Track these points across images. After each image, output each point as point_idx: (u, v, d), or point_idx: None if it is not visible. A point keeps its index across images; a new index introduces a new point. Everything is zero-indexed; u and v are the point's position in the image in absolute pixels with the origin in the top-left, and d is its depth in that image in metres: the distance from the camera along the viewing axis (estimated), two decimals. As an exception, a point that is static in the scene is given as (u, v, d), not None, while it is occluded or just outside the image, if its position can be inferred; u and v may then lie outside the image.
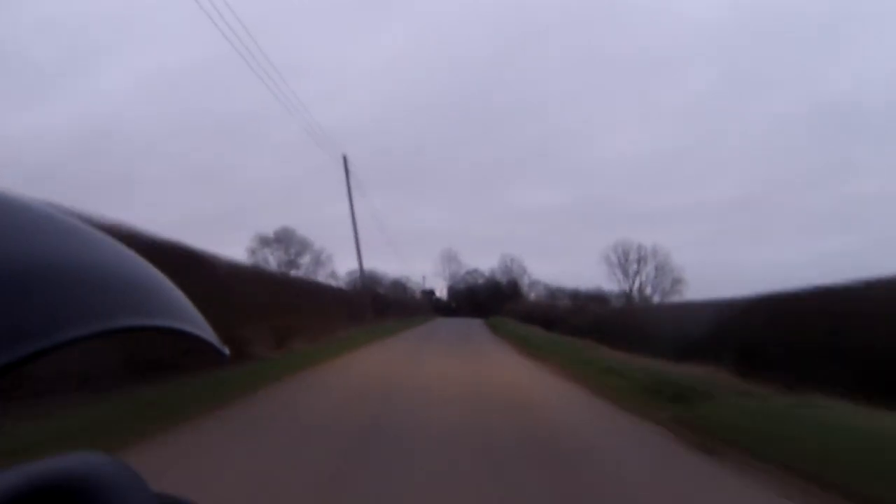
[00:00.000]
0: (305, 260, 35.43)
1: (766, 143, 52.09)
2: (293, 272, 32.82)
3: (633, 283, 53.04)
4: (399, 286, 67.08)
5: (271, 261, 33.43)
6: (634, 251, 52.85)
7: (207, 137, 60.30)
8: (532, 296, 62.39)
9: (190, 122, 61.66)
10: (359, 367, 11.85)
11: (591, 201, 64.71)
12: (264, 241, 35.64)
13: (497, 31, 69.92)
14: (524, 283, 67.48)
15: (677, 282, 50.02)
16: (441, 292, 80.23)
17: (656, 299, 49.34)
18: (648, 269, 52.29)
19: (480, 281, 73.06)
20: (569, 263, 65.52)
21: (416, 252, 77.82)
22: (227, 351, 0.38)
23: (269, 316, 12.79)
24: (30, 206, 0.31)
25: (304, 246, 35.10)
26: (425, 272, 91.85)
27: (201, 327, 0.36)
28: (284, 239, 35.53)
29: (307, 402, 7.60)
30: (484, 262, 74.74)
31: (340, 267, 51.48)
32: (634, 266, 52.99)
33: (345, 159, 27.97)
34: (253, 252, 34.28)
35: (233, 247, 38.52)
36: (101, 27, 59.38)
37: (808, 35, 53.26)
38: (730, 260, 52.08)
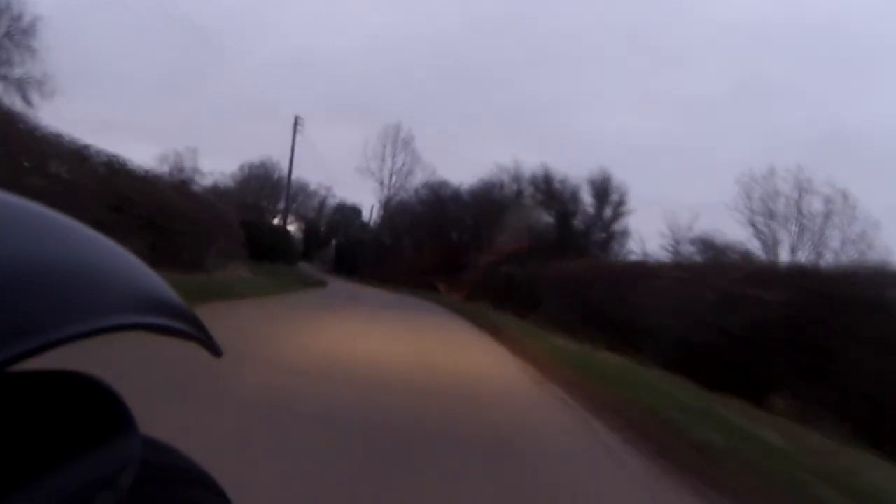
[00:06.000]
0: None
1: (761, 156, 40.08)
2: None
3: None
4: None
5: None
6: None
7: None
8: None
9: None
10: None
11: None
12: None
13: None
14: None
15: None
16: (376, 214, 42.22)
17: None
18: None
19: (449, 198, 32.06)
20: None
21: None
22: (220, 349, 0.38)
23: None
24: (23, 206, 0.31)
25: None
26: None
27: (195, 324, 0.36)
28: None
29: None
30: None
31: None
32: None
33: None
34: None
35: None
36: None
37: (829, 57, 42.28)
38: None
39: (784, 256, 22.86)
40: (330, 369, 5.18)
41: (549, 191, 26.15)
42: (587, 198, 25.82)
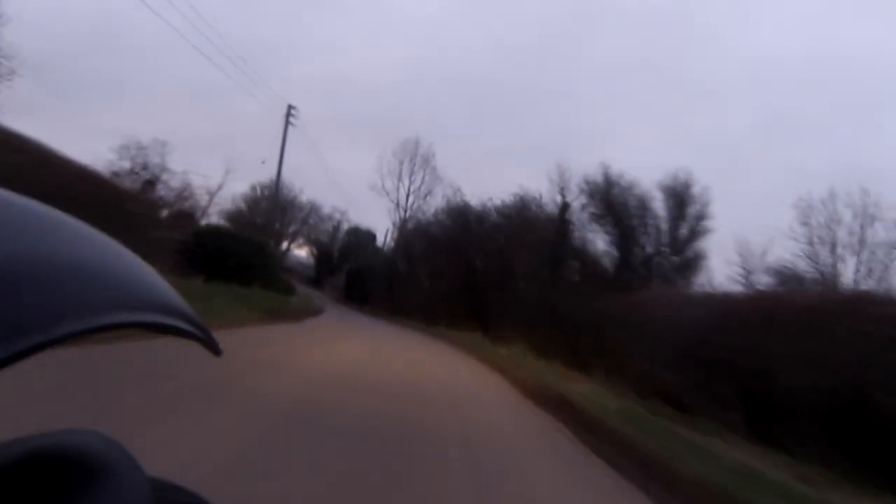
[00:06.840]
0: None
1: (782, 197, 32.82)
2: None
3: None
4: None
5: None
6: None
7: None
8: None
9: None
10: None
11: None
12: None
13: (549, 16, 56.17)
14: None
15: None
16: (388, 240, 37.46)
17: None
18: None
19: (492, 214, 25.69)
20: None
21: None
22: (220, 348, 0.38)
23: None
24: (20, 202, 0.31)
25: None
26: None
27: (194, 323, 0.36)
28: None
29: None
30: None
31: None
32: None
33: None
34: None
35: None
36: None
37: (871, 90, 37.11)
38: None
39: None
40: None
41: (608, 201, 19.65)
42: (658, 210, 19.69)
